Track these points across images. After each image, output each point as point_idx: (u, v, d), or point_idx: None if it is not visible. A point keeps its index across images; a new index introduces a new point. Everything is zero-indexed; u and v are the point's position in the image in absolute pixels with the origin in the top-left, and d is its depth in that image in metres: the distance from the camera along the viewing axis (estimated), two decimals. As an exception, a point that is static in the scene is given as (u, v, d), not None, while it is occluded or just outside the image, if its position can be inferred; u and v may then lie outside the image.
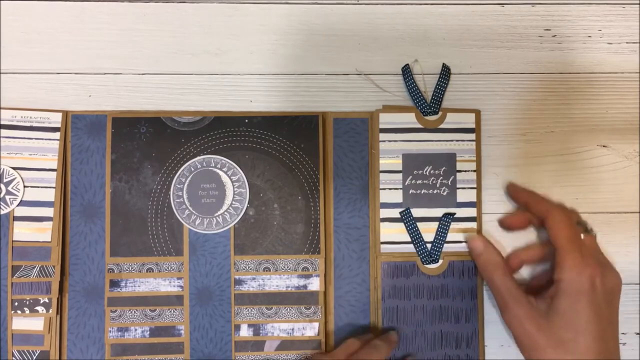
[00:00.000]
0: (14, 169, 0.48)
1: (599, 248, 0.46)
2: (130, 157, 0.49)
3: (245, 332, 0.48)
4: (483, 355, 0.49)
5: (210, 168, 0.49)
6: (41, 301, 0.48)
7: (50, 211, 0.48)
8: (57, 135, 0.49)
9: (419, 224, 0.49)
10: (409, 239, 0.49)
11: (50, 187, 0.49)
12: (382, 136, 0.49)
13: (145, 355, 0.48)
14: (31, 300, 0.48)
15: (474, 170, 0.50)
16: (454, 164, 0.49)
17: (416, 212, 0.49)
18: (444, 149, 0.49)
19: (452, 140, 0.50)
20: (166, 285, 0.48)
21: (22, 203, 0.48)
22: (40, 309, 0.48)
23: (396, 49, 0.51)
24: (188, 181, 0.49)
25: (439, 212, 0.49)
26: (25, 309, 0.48)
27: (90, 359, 0.48)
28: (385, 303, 0.49)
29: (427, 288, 0.49)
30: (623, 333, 0.50)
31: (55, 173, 0.49)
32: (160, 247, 0.48)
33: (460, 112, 0.50)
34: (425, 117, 0.50)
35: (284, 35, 0.50)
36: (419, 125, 0.50)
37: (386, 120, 0.49)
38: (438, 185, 0.49)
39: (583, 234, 0.45)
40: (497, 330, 0.49)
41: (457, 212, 0.49)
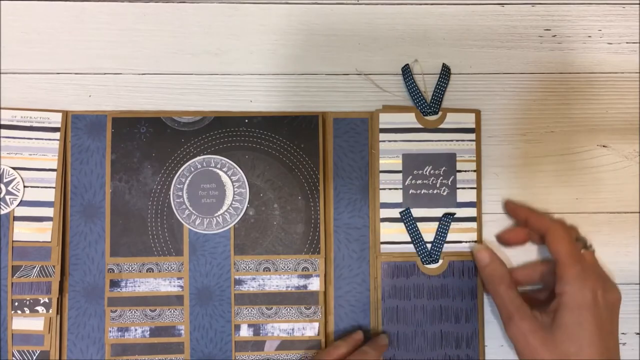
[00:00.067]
0: (14, 169, 0.48)
1: (599, 263, 0.46)
2: (130, 157, 0.49)
3: (245, 332, 0.48)
4: (483, 355, 0.49)
5: (210, 168, 0.49)
6: (41, 301, 0.48)
7: (50, 211, 0.48)
8: (57, 135, 0.49)
9: (419, 224, 0.49)
10: (409, 239, 0.49)
11: (50, 187, 0.49)
12: (382, 136, 0.49)
13: (145, 355, 0.48)
14: (31, 300, 0.48)
15: (474, 170, 0.50)
16: (454, 164, 0.49)
17: (416, 212, 0.49)
18: (444, 149, 0.49)
19: (452, 140, 0.50)
20: (166, 285, 0.48)
21: (22, 203, 0.48)
22: (40, 309, 0.48)
23: (396, 49, 0.51)
24: (188, 181, 0.49)
25: (439, 212, 0.49)
26: (26, 309, 0.48)
27: (90, 359, 0.48)
28: (385, 303, 0.49)
29: (427, 288, 0.49)
30: (623, 333, 0.50)
31: (55, 173, 0.49)
32: (160, 247, 0.48)
33: (460, 112, 0.50)
34: (425, 117, 0.50)
35: (284, 35, 0.50)
36: (419, 125, 0.50)
37: (386, 120, 0.49)
38: (438, 185, 0.49)
39: (582, 250, 0.46)
40: (497, 330, 0.49)
41: (457, 212, 0.49)
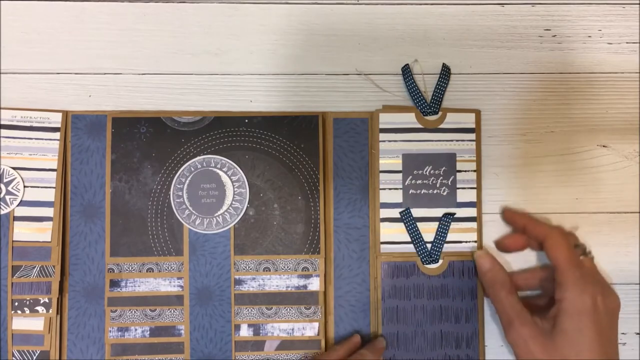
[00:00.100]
0: (14, 169, 0.49)
1: (598, 270, 0.46)
2: (130, 157, 0.49)
3: (245, 332, 0.48)
4: (483, 355, 0.49)
5: (210, 168, 0.49)
6: (41, 301, 0.48)
7: (50, 211, 0.48)
8: (57, 135, 0.49)
9: (419, 224, 0.49)
10: (409, 239, 0.49)
11: (50, 187, 0.49)
12: (382, 136, 0.49)
13: (145, 355, 0.48)
14: (31, 300, 0.48)
15: (474, 170, 0.50)
16: (454, 164, 0.49)
17: (416, 212, 0.49)
18: (444, 149, 0.49)
19: (452, 140, 0.50)
20: (166, 285, 0.48)
21: (22, 203, 0.48)
22: (40, 309, 0.48)
23: (396, 49, 0.51)
24: (188, 181, 0.49)
25: (439, 212, 0.49)
26: (26, 309, 0.48)
27: (90, 359, 0.48)
28: (385, 303, 0.49)
29: (427, 288, 0.49)
30: (623, 333, 0.50)
31: (55, 173, 0.49)
32: (160, 247, 0.48)
33: (460, 112, 0.50)
34: (425, 117, 0.50)
35: (284, 35, 0.50)
36: (419, 125, 0.50)
37: (386, 120, 0.49)
38: (438, 185, 0.49)
39: (581, 256, 0.46)
40: (497, 330, 0.49)
41: (457, 212, 0.49)
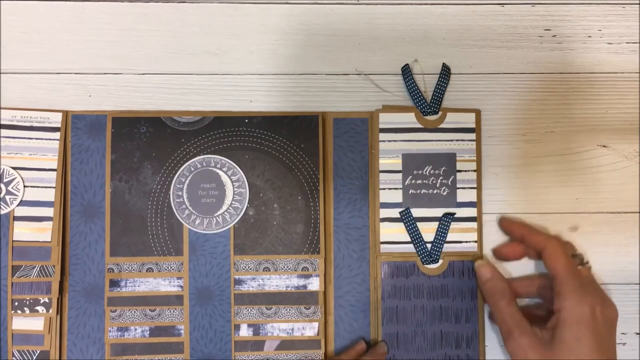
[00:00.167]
0: (14, 169, 0.49)
1: (595, 279, 0.47)
2: (130, 157, 0.49)
3: (245, 332, 0.48)
4: (483, 355, 0.49)
5: (210, 168, 0.49)
6: (41, 301, 0.48)
7: (50, 211, 0.48)
8: (57, 135, 0.49)
9: (419, 223, 0.49)
10: (409, 239, 0.49)
11: (50, 187, 0.49)
12: (382, 136, 0.49)
13: (145, 355, 0.48)
14: (31, 300, 0.48)
15: (474, 170, 0.50)
16: (454, 164, 0.49)
17: (416, 212, 0.49)
18: (443, 148, 0.49)
19: (452, 140, 0.50)
20: (166, 285, 0.48)
21: (22, 203, 0.48)
22: (40, 308, 0.48)
23: (396, 49, 0.51)
24: (188, 181, 0.49)
25: (438, 212, 0.49)
26: (26, 308, 0.48)
27: (90, 359, 0.48)
28: (385, 303, 0.49)
29: (427, 288, 0.49)
30: (623, 333, 0.50)
31: (55, 173, 0.49)
32: (160, 247, 0.48)
33: (460, 112, 0.50)
34: (425, 117, 0.50)
35: (284, 35, 0.50)
36: (418, 125, 0.50)
37: (386, 120, 0.49)
38: (438, 185, 0.49)
39: (579, 266, 0.46)
40: (497, 331, 0.49)
41: (457, 212, 0.49)
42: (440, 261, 0.49)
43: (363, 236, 0.49)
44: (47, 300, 0.48)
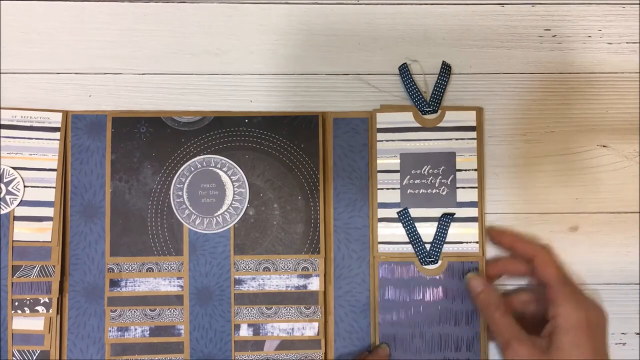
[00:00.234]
0: (14, 169, 0.49)
1: (582, 286, 0.47)
2: (130, 157, 0.49)
3: (245, 332, 0.48)
4: (486, 356, 0.49)
5: (210, 168, 0.49)
6: (41, 301, 0.48)
7: (50, 211, 0.48)
8: (57, 135, 0.49)
9: (417, 224, 0.49)
10: (407, 240, 0.49)
11: (50, 187, 0.49)
12: (380, 136, 0.49)
13: (145, 355, 0.48)
14: (31, 300, 0.48)
15: (475, 169, 0.49)
16: (454, 163, 0.49)
17: (415, 212, 0.49)
18: (442, 147, 0.49)
19: (452, 139, 0.49)
20: (166, 285, 0.48)
21: (22, 203, 0.48)
22: (40, 308, 0.48)
23: (396, 49, 0.50)
24: (188, 181, 0.49)
25: (438, 212, 0.49)
26: (26, 308, 0.48)
27: (90, 359, 0.48)
28: (384, 303, 0.49)
29: (425, 289, 0.49)
30: (623, 333, 0.50)
31: (55, 173, 0.49)
32: (160, 247, 0.49)
33: (460, 110, 0.50)
34: (424, 116, 0.50)
35: (284, 35, 0.50)
36: (417, 124, 0.50)
37: (384, 119, 0.49)
38: (437, 185, 0.49)
39: None
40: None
41: (458, 212, 0.49)
42: (440, 262, 0.49)
43: (363, 236, 0.49)
44: (47, 300, 0.48)
